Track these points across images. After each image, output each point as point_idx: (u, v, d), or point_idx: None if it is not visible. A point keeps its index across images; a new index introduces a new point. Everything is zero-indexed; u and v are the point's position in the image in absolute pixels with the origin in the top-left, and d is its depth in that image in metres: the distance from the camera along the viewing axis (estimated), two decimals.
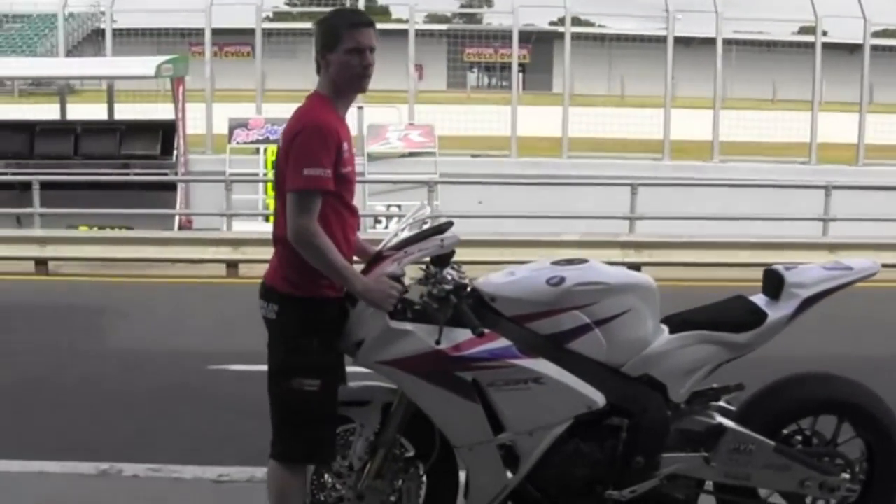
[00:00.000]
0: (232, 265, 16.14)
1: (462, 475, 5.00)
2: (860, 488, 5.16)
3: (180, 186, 20.21)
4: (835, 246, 16.42)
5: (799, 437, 5.17)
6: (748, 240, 16.54)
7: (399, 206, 19.53)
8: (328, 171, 4.46)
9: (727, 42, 22.83)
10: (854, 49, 28.87)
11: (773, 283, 5.08)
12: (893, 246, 16.16)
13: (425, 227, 4.85)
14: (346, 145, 4.61)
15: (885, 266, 5.38)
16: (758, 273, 5.41)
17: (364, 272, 4.66)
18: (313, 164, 4.43)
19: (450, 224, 4.81)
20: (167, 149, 20.68)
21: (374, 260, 4.75)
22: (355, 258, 4.80)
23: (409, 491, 4.99)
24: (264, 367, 4.82)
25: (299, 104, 4.74)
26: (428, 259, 4.76)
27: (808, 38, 25.08)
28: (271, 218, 19.76)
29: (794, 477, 5.04)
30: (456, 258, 4.81)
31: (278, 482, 4.81)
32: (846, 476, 5.11)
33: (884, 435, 5.14)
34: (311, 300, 4.60)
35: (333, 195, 4.55)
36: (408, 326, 4.63)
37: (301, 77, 26.47)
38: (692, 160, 22.63)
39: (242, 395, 8.48)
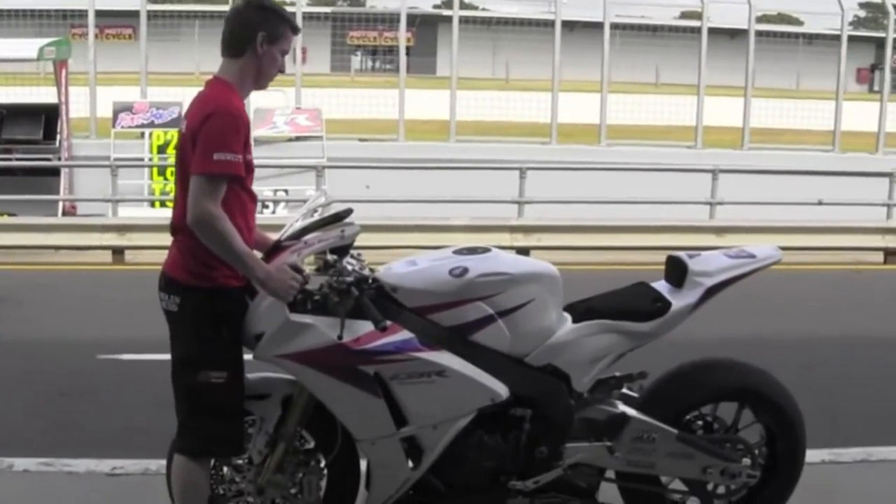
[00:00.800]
0: (118, 252, 15.93)
1: (363, 466, 4.94)
2: (760, 473, 5.22)
3: (64, 172, 19.69)
4: (722, 229, 16.67)
5: (700, 423, 5.21)
6: (636, 223, 16.72)
7: (286, 191, 19.33)
8: (239, 156, 4.38)
9: (612, 27, 22.89)
10: (735, 34, 29.19)
11: (676, 270, 5.08)
12: (780, 229, 16.43)
13: (317, 214, 4.76)
14: (250, 133, 4.53)
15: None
16: (647, 255, 5.45)
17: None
18: (224, 148, 4.33)
19: (349, 212, 4.71)
20: (50, 133, 20.15)
21: (273, 250, 4.65)
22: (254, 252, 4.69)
23: (310, 484, 4.93)
24: (155, 357, 4.71)
25: (188, 88, 4.62)
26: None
27: (691, 23, 25.35)
28: (157, 204, 19.53)
29: (697, 464, 5.07)
30: None
31: (183, 476, 4.72)
32: (747, 461, 5.16)
33: (783, 419, 5.21)
34: (214, 290, 4.50)
35: (237, 181, 4.45)
36: (308, 319, 4.55)
37: (184, 60, 25.85)
38: (579, 144, 22.73)
39: (134, 385, 8.38)
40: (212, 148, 4.32)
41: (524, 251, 14.50)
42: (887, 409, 8.23)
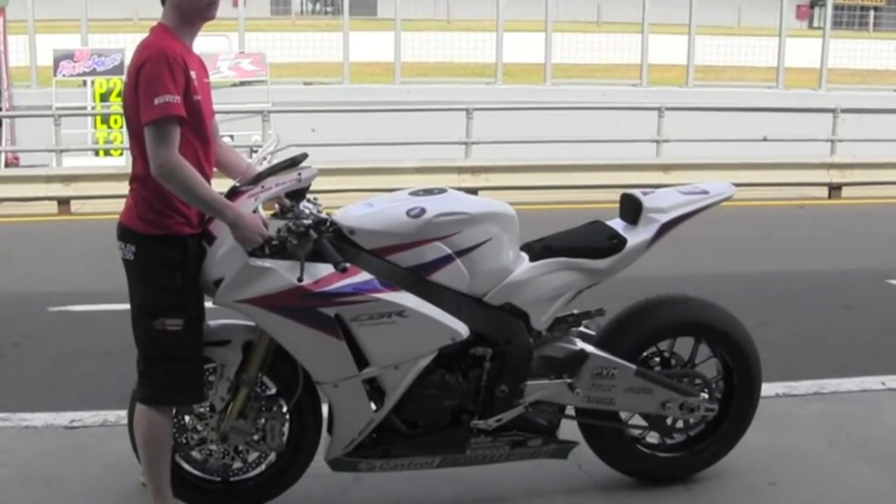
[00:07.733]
0: (64, 202, 15.78)
1: (326, 409, 4.95)
2: (718, 407, 5.29)
3: (5, 122, 19.45)
4: (668, 166, 16.78)
5: (657, 359, 5.27)
6: (583, 162, 16.77)
7: (232, 137, 19.11)
8: (177, 97, 4.28)
9: None
10: None
11: (631, 208, 5.11)
12: (726, 165, 16.54)
13: (270, 158, 4.73)
14: (194, 74, 4.45)
15: None
16: (595, 194, 5.45)
17: None
18: (162, 91, 4.24)
19: (304, 156, 4.68)
20: None
21: (231, 195, 4.60)
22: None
23: (272, 429, 4.91)
24: (106, 307, 4.67)
25: (128, 35, 4.55)
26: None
27: None
28: (101, 153, 19.24)
29: (656, 399, 5.12)
30: None
31: (146, 426, 4.68)
32: (705, 395, 5.22)
33: (739, 353, 5.27)
34: (167, 238, 4.45)
35: (186, 124, 4.38)
36: (267, 263, 4.51)
37: (123, 6, 25.37)
38: (524, 84, 22.71)
39: (87, 336, 8.30)
40: (150, 94, 4.25)
41: (472, 191, 14.49)
42: (833, 341, 8.38)
